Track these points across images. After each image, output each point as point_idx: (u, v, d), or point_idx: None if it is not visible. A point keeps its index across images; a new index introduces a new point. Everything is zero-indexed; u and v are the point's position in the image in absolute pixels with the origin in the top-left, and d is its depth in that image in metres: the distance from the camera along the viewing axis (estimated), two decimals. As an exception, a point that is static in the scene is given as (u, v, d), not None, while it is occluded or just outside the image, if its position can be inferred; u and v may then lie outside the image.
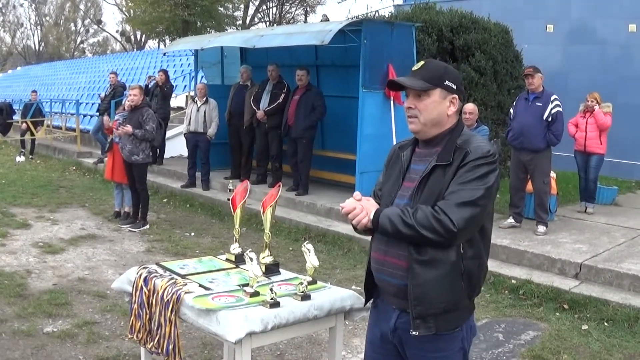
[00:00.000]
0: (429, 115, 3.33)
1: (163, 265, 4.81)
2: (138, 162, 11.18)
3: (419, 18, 14.19)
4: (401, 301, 3.34)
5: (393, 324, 3.42)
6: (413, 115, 3.36)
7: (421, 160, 3.41)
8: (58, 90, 33.87)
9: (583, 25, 18.91)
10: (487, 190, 3.21)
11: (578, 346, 6.73)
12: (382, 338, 3.53)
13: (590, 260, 8.73)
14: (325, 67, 14.24)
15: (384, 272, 3.39)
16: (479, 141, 3.34)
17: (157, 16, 40.11)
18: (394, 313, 3.42)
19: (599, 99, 12.19)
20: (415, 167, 3.40)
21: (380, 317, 3.53)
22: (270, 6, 58.93)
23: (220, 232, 11.40)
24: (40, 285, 8.19)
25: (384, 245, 3.38)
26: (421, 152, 3.45)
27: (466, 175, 3.20)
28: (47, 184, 16.01)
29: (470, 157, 3.22)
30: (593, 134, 12.05)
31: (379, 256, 3.42)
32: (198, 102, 14.28)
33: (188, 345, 6.31)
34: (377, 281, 3.48)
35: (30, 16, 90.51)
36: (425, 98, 3.32)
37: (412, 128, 3.40)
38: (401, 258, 3.29)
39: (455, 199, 3.16)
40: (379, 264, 3.41)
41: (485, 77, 14.13)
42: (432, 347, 3.34)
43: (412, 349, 3.40)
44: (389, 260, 3.35)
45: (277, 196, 4.57)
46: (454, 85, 3.36)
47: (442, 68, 3.42)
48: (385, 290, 3.45)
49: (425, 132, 3.38)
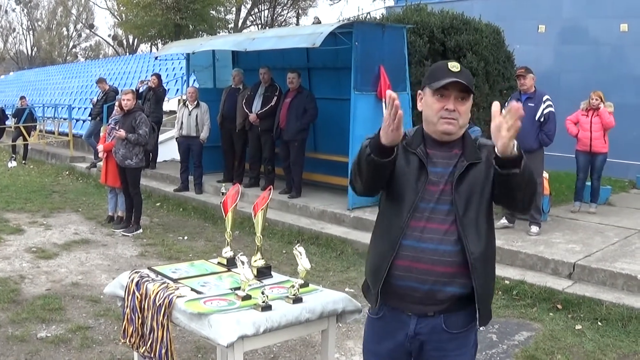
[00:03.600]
0: (466, 118, 3.34)
1: (155, 269, 4.81)
2: (131, 166, 11.16)
3: (410, 19, 14.20)
4: (424, 307, 3.32)
5: (413, 330, 3.36)
6: (453, 118, 3.29)
7: (439, 163, 3.36)
8: (51, 95, 33.87)
9: (575, 25, 18.92)
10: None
11: (572, 346, 6.73)
12: (394, 350, 3.46)
13: (583, 260, 8.74)
14: (317, 70, 14.25)
15: (411, 278, 3.28)
16: (487, 139, 3.38)
17: (149, 20, 40.23)
18: (411, 320, 3.37)
19: (602, 98, 12.17)
20: (434, 170, 3.33)
21: (391, 328, 3.45)
22: (262, 9, 58.95)
23: (214, 236, 11.39)
24: (33, 290, 8.17)
25: (409, 251, 3.28)
26: (435, 153, 3.38)
27: None
28: (40, 189, 15.99)
29: None
30: (598, 134, 11.99)
31: (402, 262, 3.29)
32: (189, 105, 14.27)
33: (181, 349, 6.30)
34: (398, 289, 3.34)
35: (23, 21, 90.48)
36: (466, 102, 3.32)
37: (449, 129, 3.30)
38: (436, 263, 3.24)
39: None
40: (405, 271, 3.29)
41: (477, 78, 14.10)
42: (455, 345, 3.36)
43: (434, 350, 3.37)
44: (420, 266, 3.26)
45: (269, 199, 4.59)
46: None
47: (470, 73, 3.44)
48: (406, 298, 3.34)
49: (457, 134, 3.35)
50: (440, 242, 3.24)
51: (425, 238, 3.26)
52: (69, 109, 23.83)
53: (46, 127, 25.16)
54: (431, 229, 3.26)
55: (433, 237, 3.25)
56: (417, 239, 3.27)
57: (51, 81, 40.66)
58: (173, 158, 17.61)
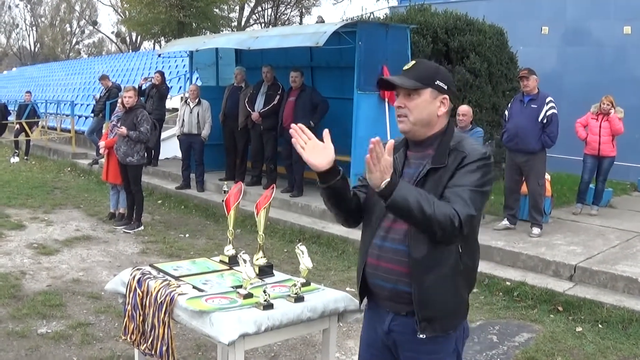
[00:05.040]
0: (419, 114, 3.30)
1: (157, 266, 4.80)
2: (133, 163, 11.16)
3: (414, 20, 14.22)
4: (395, 304, 3.35)
5: (387, 326, 3.41)
6: (403, 115, 3.33)
7: (413, 163, 3.39)
8: (53, 91, 33.88)
9: (578, 27, 18.90)
10: (487, 191, 3.25)
11: (572, 348, 6.73)
12: (377, 340, 3.53)
13: (584, 262, 8.74)
14: (320, 69, 14.26)
15: (378, 276, 3.36)
16: (473, 143, 3.35)
17: (152, 17, 40.14)
18: (388, 316, 3.41)
19: (613, 103, 12.16)
20: (408, 171, 3.37)
21: (375, 319, 3.52)
22: (265, 8, 58.97)
23: (215, 234, 11.39)
24: (34, 286, 8.18)
25: (376, 250, 3.36)
26: (413, 155, 3.42)
27: (467, 177, 3.19)
28: (42, 185, 15.98)
29: (470, 159, 3.22)
30: (606, 138, 12.03)
31: (372, 260, 3.38)
32: (191, 103, 14.26)
33: (182, 347, 6.30)
34: (370, 285, 3.44)
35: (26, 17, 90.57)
36: (415, 97, 3.29)
37: (401, 127, 3.37)
38: (397, 263, 3.28)
39: (461, 197, 3.12)
40: (372, 269, 3.38)
41: (480, 79, 14.14)
42: (427, 350, 3.33)
43: (407, 351, 3.39)
44: (383, 265, 3.33)
45: (271, 198, 4.57)
46: (445, 86, 3.34)
47: (434, 68, 3.41)
48: (379, 294, 3.42)
49: (415, 132, 3.35)
50: (400, 242, 3.29)
51: (388, 238, 3.34)
52: (72, 105, 23.83)
53: (48, 124, 25.14)
54: (395, 229, 3.32)
55: (395, 238, 3.31)
56: (382, 238, 3.36)
57: (54, 77, 40.66)
58: (175, 155, 17.60)
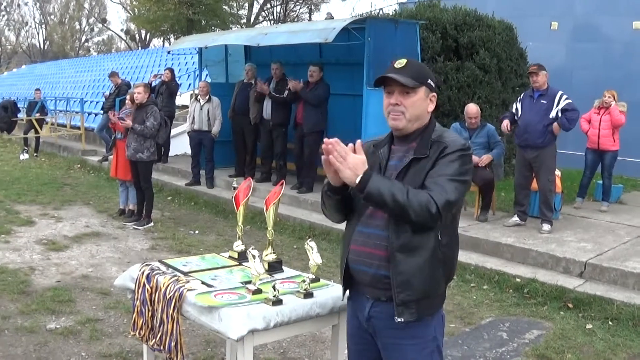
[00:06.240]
0: (414, 111, 3.44)
1: (166, 262, 4.80)
2: (143, 160, 11.16)
3: (423, 15, 14.19)
4: (375, 290, 3.45)
5: (367, 312, 3.52)
6: (399, 112, 3.44)
7: (397, 156, 3.51)
8: (63, 89, 33.93)
9: (587, 23, 18.88)
10: (467, 180, 3.39)
11: (582, 345, 6.70)
12: (360, 328, 3.63)
13: (594, 259, 8.70)
14: (330, 65, 14.21)
15: (361, 262, 3.45)
16: (453, 135, 3.52)
17: (161, 15, 40.26)
18: (368, 302, 3.51)
19: (616, 96, 12.14)
20: (392, 164, 3.48)
21: (356, 308, 3.63)
22: (274, 4, 58.98)
23: (225, 230, 11.39)
24: (43, 282, 8.19)
25: (360, 236, 3.47)
26: (397, 148, 3.55)
27: (448, 166, 3.32)
28: (52, 182, 16.03)
29: (450, 150, 3.36)
30: (606, 132, 11.98)
31: (355, 247, 3.48)
32: (201, 100, 14.27)
33: (191, 343, 6.30)
34: (353, 272, 3.52)
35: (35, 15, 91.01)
36: (412, 95, 3.42)
37: (396, 124, 3.47)
38: (379, 248, 3.38)
39: (440, 185, 3.26)
40: (356, 255, 3.47)
41: (489, 75, 14.11)
42: (405, 335, 3.43)
43: (386, 337, 3.50)
44: (367, 250, 3.43)
45: (280, 194, 4.56)
46: (433, 84, 3.51)
47: (425, 67, 3.59)
48: (360, 281, 3.51)
49: (407, 129, 3.48)
50: (382, 228, 3.38)
51: (371, 224, 3.45)
52: (81, 102, 23.86)
53: (58, 121, 25.19)
54: (377, 217, 3.42)
55: (378, 224, 3.41)
56: (365, 224, 3.47)
57: (63, 75, 40.75)
58: (185, 152, 17.60)
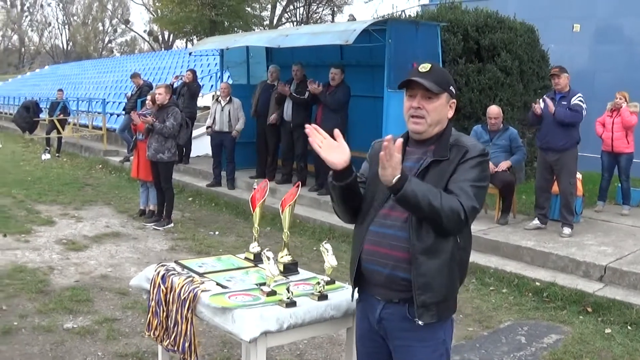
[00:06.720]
0: (435, 116, 3.45)
1: (181, 263, 4.80)
2: (163, 160, 11.19)
3: (445, 17, 14.16)
4: (388, 292, 3.44)
5: (378, 314, 3.51)
6: (420, 116, 3.44)
7: (412, 158, 3.50)
8: (85, 89, 34.13)
9: (610, 25, 18.76)
10: (486, 186, 3.45)
11: (600, 350, 6.64)
12: (370, 331, 3.62)
13: (615, 263, 8.62)
14: (351, 67, 14.17)
15: (374, 262, 3.45)
16: (472, 140, 3.55)
17: (184, 16, 40.45)
18: (379, 304, 3.50)
19: (627, 98, 12.06)
20: (407, 165, 3.43)
21: (367, 310, 3.61)
22: (297, 6, 59.04)
23: (245, 231, 11.38)
24: (62, 281, 8.23)
25: (374, 236, 3.46)
26: (412, 150, 3.55)
27: (470, 172, 3.35)
28: (73, 182, 16.12)
29: (471, 155, 3.38)
30: (619, 134, 11.91)
31: (370, 247, 3.47)
32: (222, 101, 14.27)
33: (207, 344, 6.31)
34: (365, 272, 3.52)
35: (58, 15, 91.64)
36: (435, 100, 3.44)
37: (417, 128, 3.47)
38: (395, 248, 3.38)
39: (465, 191, 3.28)
40: (369, 254, 3.47)
41: (511, 77, 14.05)
42: (417, 337, 3.42)
43: (397, 339, 3.49)
44: (381, 250, 3.42)
45: (297, 195, 4.55)
46: (454, 91, 3.52)
47: (447, 73, 3.61)
48: (372, 281, 3.50)
49: (427, 133, 3.48)
50: (400, 229, 3.39)
51: (387, 224, 3.44)
52: (103, 103, 24.00)
53: (80, 121, 25.33)
54: (393, 217, 3.42)
55: (394, 224, 3.41)
56: (380, 225, 3.47)
57: (86, 75, 40.99)
58: (207, 153, 17.62)
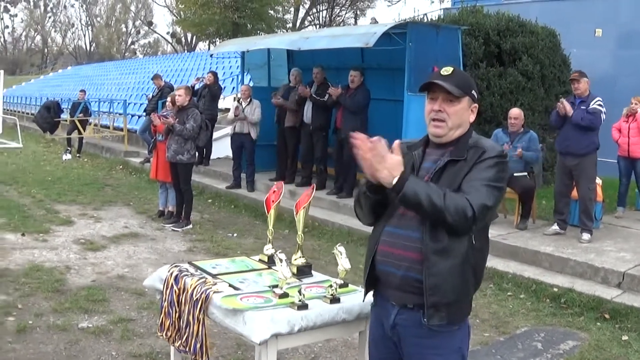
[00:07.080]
0: (456, 120, 3.43)
1: (195, 264, 4.81)
2: (183, 161, 11.20)
3: (466, 21, 14.13)
4: (403, 295, 3.39)
5: (392, 320, 3.45)
6: (441, 119, 3.42)
7: (432, 159, 3.48)
8: (107, 90, 34.30)
9: (632, 30, 18.67)
10: (502, 187, 3.38)
11: (617, 357, 6.59)
12: (384, 336, 3.56)
13: (633, 269, 8.54)
14: (372, 70, 14.15)
15: (389, 263, 3.40)
16: (491, 142, 3.50)
17: (207, 18, 40.61)
18: (393, 309, 3.45)
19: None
20: (426, 165, 3.46)
21: (381, 316, 3.55)
22: (320, 9, 59.07)
23: (263, 234, 11.26)
24: (78, 281, 8.25)
25: (389, 237, 3.42)
26: (432, 151, 3.52)
27: (486, 171, 3.31)
28: (93, 182, 16.20)
29: (488, 155, 3.35)
30: (636, 139, 11.84)
31: (384, 248, 3.42)
32: (243, 103, 14.28)
33: (222, 346, 6.31)
34: (380, 273, 3.47)
35: (81, 17, 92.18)
36: (456, 104, 3.41)
37: (437, 132, 3.45)
38: (409, 249, 3.33)
39: (477, 189, 3.25)
40: (384, 256, 3.42)
41: (532, 82, 14.00)
42: (430, 344, 3.37)
43: (410, 346, 3.43)
44: (396, 251, 3.37)
45: (311, 197, 4.56)
46: (476, 95, 3.51)
47: (469, 77, 3.58)
48: (387, 284, 3.46)
49: (447, 137, 3.45)
50: (414, 229, 3.34)
51: (401, 225, 3.40)
52: (124, 104, 24.09)
53: (101, 122, 25.44)
54: (409, 217, 3.37)
55: (409, 225, 3.36)
56: (395, 225, 3.43)
57: (108, 76, 41.22)
58: (227, 155, 17.65)
